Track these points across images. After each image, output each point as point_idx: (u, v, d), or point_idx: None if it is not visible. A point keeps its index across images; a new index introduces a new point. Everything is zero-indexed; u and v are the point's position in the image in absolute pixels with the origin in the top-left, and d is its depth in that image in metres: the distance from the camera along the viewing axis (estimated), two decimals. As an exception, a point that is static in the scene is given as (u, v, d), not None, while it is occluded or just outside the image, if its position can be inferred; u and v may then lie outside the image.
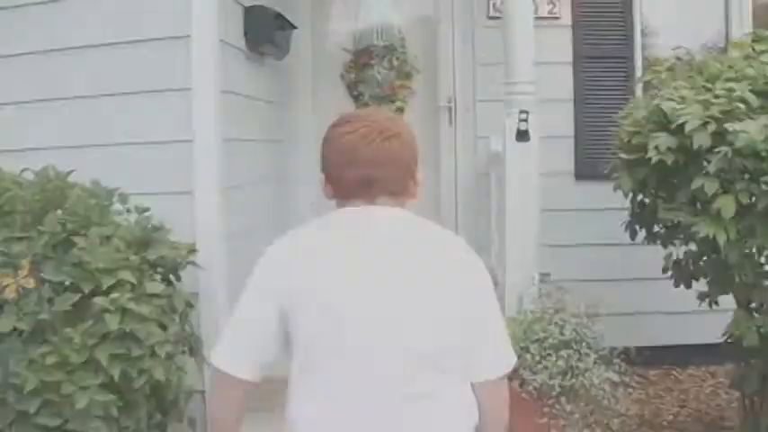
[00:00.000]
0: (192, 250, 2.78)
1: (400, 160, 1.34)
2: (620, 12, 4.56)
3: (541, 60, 4.10)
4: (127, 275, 2.29)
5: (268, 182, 4.15)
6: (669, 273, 3.24)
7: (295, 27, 4.23)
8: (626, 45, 4.57)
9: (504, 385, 1.40)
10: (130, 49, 3.13)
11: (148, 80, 3.11)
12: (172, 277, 2.73)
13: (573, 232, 4.37)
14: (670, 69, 3.03)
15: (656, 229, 3.26)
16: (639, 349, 3.45)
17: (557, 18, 4.53)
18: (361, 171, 1.31)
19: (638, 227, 3.36)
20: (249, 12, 3.67)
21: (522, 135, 3.19)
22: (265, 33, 3.68)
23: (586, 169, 4.47)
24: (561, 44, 4.55)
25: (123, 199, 2.82)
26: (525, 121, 3.16)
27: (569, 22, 4.55)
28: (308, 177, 4.47)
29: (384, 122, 1.35)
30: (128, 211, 2.80)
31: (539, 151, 3.31)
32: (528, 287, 3.18)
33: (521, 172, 3.21)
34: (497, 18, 4.42)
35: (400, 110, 4.67)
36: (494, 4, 4.47)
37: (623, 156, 2.75)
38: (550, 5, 4.52)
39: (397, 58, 4.67)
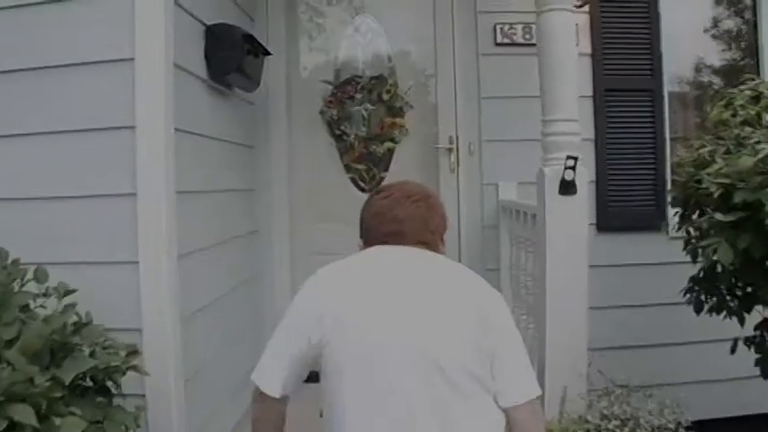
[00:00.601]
0: (133, 352, 1.98)
1: (425, 218, 1.61)
2: (646, 39, 3.93)
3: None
4: (26, 415, 1.47)
5: (235, 241, 3.36)
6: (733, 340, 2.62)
7: (269, 53, 3.50)
8: (652, 77, 3.94)
9: (532, 413, 1.47)
10: (55, 75, 2.36)
11: (78, 115, 2.34)
12: (110, 384, 1.94)
13: (599, 293, 3.66)
14: (756, 99, 2.37)
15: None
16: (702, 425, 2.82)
17: (575, 44, 3.88)
18: (393, 226, 1.59)
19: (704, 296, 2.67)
20: (212, 32, 2.92)
21: (568, 187, 2.47)
22: (232, 59, 2.94)
23: (611, 220, 3.81)
24: (580, 75, 3.89)
25: (41, 276, 2.04)
26: (572, 168, 2.45)
27: (588, 51, 3.90)
28: (283, 230, 3.76)
29: (414, 189, 1.66)
30: (44, 294, 2.02)
31: (586, 207, 2.60)
32: (577, 386, 2.43)
33: (567, 235, 2.49)
34: (506, 44, 3.80)
35: (390, 151, 3.95)
36: (501, 29, 3.81)
37: (719, 217, 2.05)
38: (566, 30, 3.86)
39: (388, 92, 3.95)
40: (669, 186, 3.69)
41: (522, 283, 3.20)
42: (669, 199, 3.01)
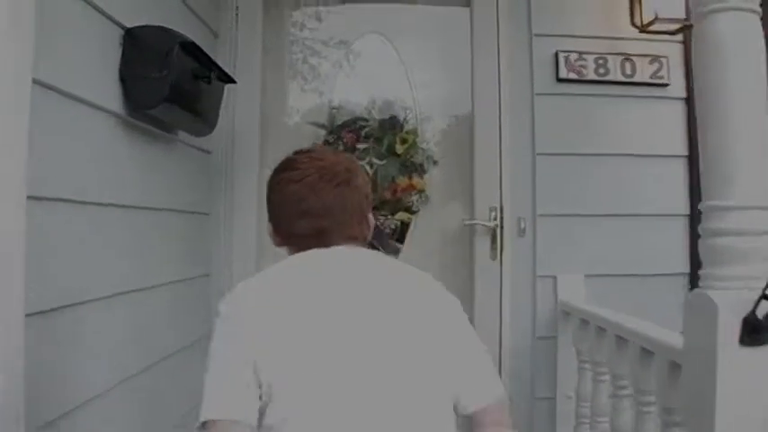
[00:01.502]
0: None
1: (353, 207, 1.30)
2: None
3: (643, 151, 2.76)
4: None
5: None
6: None
7: (231, 81, 2.36)
8: None
9: (497, 416, 1.30)
10: None
11: None
12: None
13: None
14: None
15: None
16: None
17: (664, 86, 2.78)
18: (313, 222, 1.27)
19: None
20: (133, 37, 1.78)
21: (761, 331, 1.32)
22: (163, 82, 1.78)
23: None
24: (672, 126, 2.80)
25: None
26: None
27: (682, 94, 2.80)
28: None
29: (333, 167, 1.30)
30: None
31: None
32: None
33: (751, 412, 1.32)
34: (573, 81, 2.68)
35: (405, 225, 2.80)
36: (566, 59, 2.71)
37: None
38: (654, 65, 2.77)
39: (403, 141, 2.80)
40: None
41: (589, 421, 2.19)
42: None
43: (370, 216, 1.36)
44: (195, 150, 2.50)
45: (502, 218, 2.70)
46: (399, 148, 2.77)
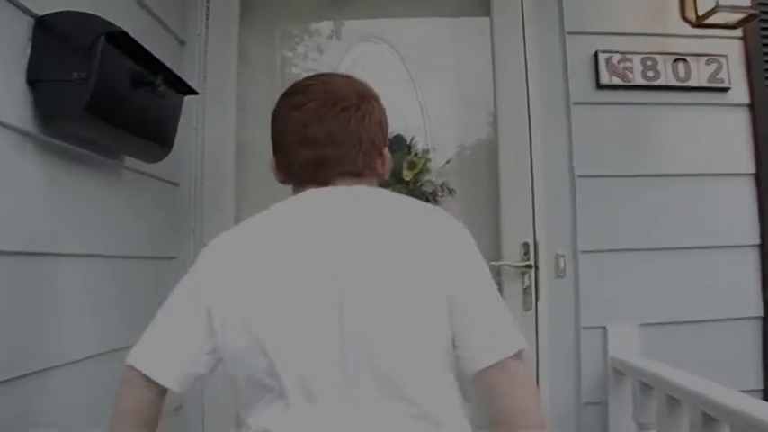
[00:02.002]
0: None
1: (359, 136, 1.13)
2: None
3: (702, 170, 2.28)
4: None
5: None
6: None
7: (191, 92, 1.87)
8: None
9: (516, 371, 1.04)
10: None
11: None
12: None
13: None
14: None
15: None
16: None
17: (724, 90, 2.30)
18: (313, 151, 1.12)
19: None
20: (45, 26, 1.29)
21: None
22: (88, 87, 1.28)
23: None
24: (735, 138, 2.32)
25: None
26: None
27: (746, 99, 2.32)
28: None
29: (341, 90, 1.15)
30: None
31: None
32: None
33: None
34: (617, 87, 2.20)
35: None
36: (608, 61, 2.23)
37: None
38: (712, 66, 2.29)
39: (411, 166, 2.30)
40: None
41: None
42: None
43: (386, 151, 1.20)
44: (153, 181, 2.00)
45: (536, 256, 2.19)
46: (407, 174, 2.26)
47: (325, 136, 1.11)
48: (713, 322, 2.24)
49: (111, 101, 1.35)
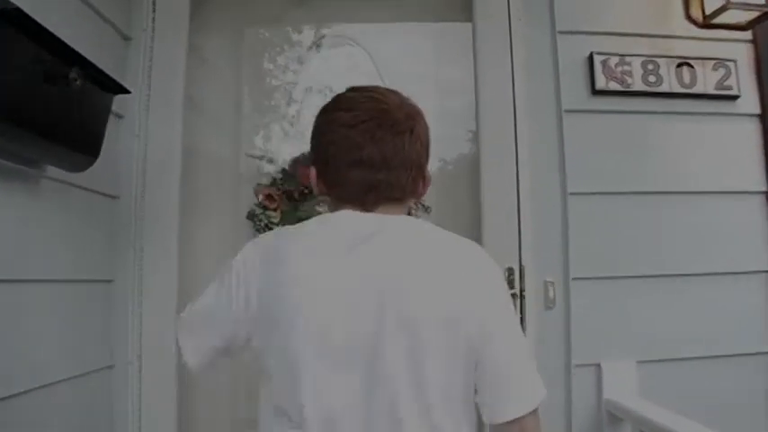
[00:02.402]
0: None
1: (412, 160, 1.12)
2: None
3: (708, 188, 2.04)
4: None
5: None
6: None
7: (122, 89, 1.60)
8: None
9: (530, 428, 1.06)
10: None
11: None
12: None
13: None
14: None
15: None
16: None
17: (733, 98, 2.07)
18: (367, 174, 1.10)
19: None
20: None
21: None
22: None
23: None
24: (744, 152, 2.08)
25: None
26: None
27: (756, 109, 2.08)
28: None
29: (395, 111, 1.12)
30: None
31: None
32: None
33: None
34: (614, 94, 1.95)
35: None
36: (604, 64, 1.98)
37: None
38: (719, 72, 2.05)
39: (383, 179, 2.03)
40: None
41: None
42: None
43: (428, 171, 1.18)
44: (85, 194, 1.73)
45: (522, 284, 1.93)
46: (378, 188, 2.00)
47: (381, 160, 1.09)
48: (720, 359, 2.00)
49: (11, 96, 1.07)
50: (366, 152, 1.09)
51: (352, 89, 1.18)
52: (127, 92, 1.63)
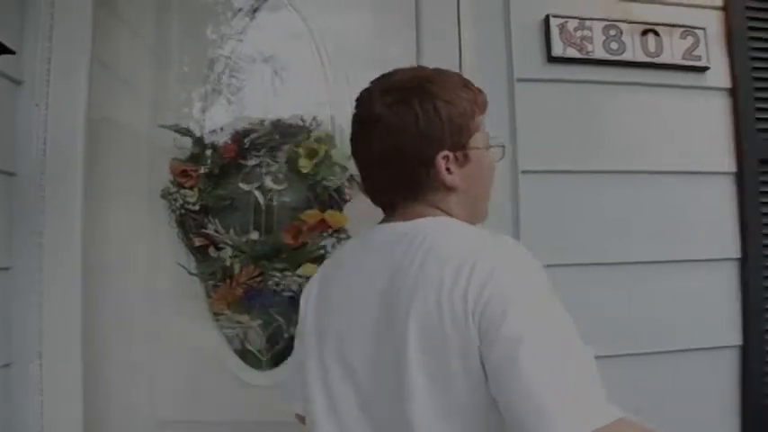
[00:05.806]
0: None
1: (390, 155, 1.01)
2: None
3: (674, 167, 1.88)
4: None
5: None
6: None
7: (5, 49, 1.38)
8: None
9: None
10: None
11: None
12: None
13: None
14: None
15: None
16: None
17: (702, 69, 1.89)
18: (364, 177, 1.08)
19: None
20: None
21: None
22: None
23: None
24: (711, 129, 1.92)
25: None
26: None
27: (726, 82, 1.91)
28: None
29: (366, 110, 1.04)
30: None
31: None
32: None
33: None
34: (572, 61, 1.78)
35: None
36: (561, 28, 1.80)
37: None
38: (688, 40, 1.87)
39: (311, 154, 1.82)
40: None
41: None
42: None
43: (440, 158, 1.00)
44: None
45: (469, 271, 1.73)
46: (305, 164, 1.78)
47: (364, 159, 1.08)
48: (687, 352, 1.84)
49: None
50: (356, 152, 1.07)
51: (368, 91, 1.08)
52: (10, 52, 1.40)
